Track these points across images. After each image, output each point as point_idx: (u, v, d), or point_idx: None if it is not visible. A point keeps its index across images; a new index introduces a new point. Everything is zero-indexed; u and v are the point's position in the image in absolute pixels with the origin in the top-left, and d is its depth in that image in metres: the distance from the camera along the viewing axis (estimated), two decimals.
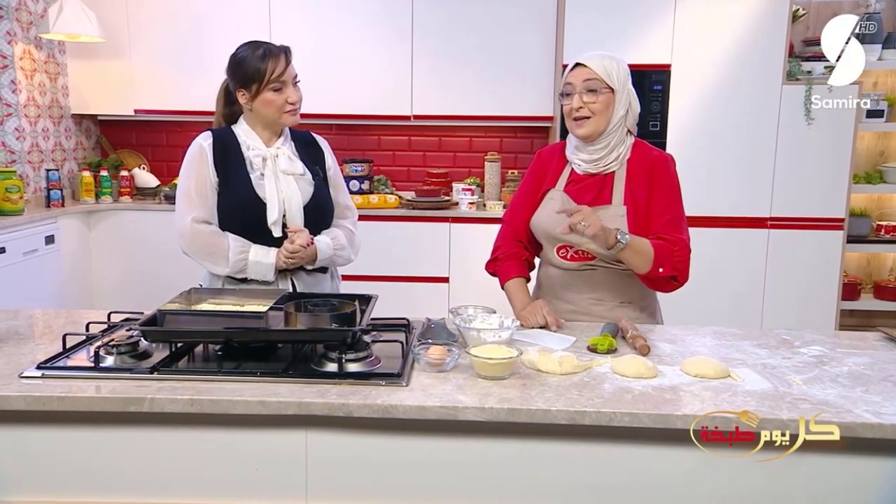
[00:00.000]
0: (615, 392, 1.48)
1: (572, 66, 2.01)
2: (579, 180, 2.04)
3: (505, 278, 2.11)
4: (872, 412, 1.38)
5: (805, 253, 4.12)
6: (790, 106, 3.99)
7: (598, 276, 2.03)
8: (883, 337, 1.89)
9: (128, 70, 4.47)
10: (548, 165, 2.12)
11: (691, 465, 1.42)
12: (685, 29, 4.00)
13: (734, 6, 3.97)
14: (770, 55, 3.95)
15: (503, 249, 2.14)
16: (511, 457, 1.45)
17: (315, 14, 4.37)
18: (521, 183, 2.18)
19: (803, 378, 1.57)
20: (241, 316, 1.65)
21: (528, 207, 2.10)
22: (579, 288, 2.05)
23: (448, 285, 4.34)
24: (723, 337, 1.89)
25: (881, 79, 4.41)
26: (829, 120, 3.98)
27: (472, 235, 4.31)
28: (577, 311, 2.05)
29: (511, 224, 2.15)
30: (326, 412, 1.41)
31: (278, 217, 2.07)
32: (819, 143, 3.98)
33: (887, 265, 4.63)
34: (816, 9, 4.42)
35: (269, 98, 2.05)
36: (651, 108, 4.09)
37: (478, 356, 1.53)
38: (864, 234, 4.40)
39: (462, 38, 4.34)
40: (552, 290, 2.10)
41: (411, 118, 4.47)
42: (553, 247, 2.06)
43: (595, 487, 1.45)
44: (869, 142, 4.47)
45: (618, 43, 4.03)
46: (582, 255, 2.02)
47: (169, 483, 1.49)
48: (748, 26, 3.95)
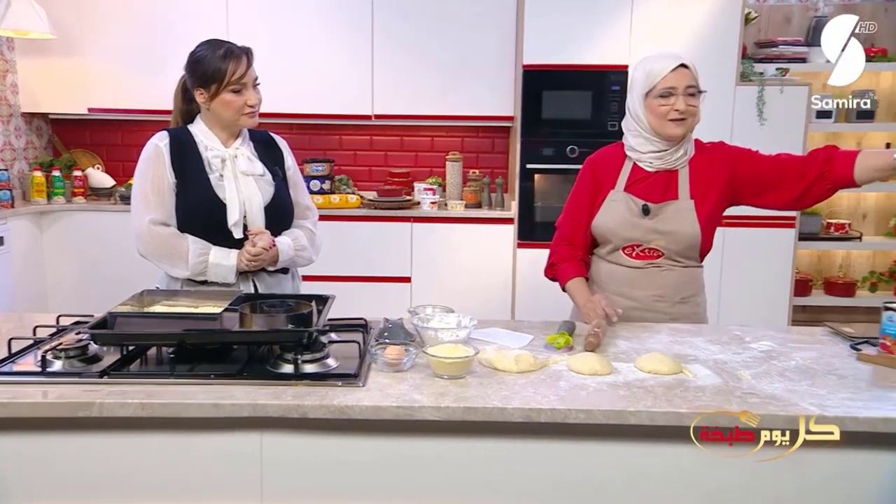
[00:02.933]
0: (570, 389, 1.49)
1: (674, 66, 1.99)
2: (644, 178, 2.08)
3: (565, 279, 2.14)
4: (817, 405, 1.42)
5: (759, 250, 4.22)
6: (744, 106, 4.09)
7: (663, 274, 2.08)
8: (829, 332, 1.94)
9: (81, 68, 4.36)
10: (602, 169, 2.15)
11: (646, 460, 1.45)
12: (642, 31, 4.06)
13: (689, 9, 4.04)
14: (724, 57, 4.04)
15: (559, 254, 2.19)
16: (468, 455, 1.46)
17: (273, 12, 4.32)
18: (574, 190, 2.21)
19: (752, 373, 1.60)
20: (194, 318, 1.63)
21: (583, 213, 2.14)
22: (643, 285, 2.09)
23: (410, 285, 4.34)
24: (678, 333, 1.92)
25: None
26: (781, 120, 4.09)
27: (433, 235, 4.31)
28: (640, 307, 2.09)
29: (563, 230, 2.20)
30: (282, 414, 1.40)
31: (239, 218, 2.04)
32: (772, 143, 4.02)
33: (836, 262, 4.76)
34: (768, 12, 4.52)
35: (229, 99, 2.02)
36: (610, 109, 4.15)
37: (434, 355, 1.53)
38: (814, 232, 4.52)
39: (423, 38, 4.33)
40: (614, 286, 2.13)
41: (372, 118, 4.44)
42: (618, 247, 2.10)
43: (551, 484, 1.46)
44: (819, 142, 4.58)
45: (576, 44, 4.08)
46: (648, 254, 2.07)
47: (121, 488, 1.46)
48: (703, 28, 4.03)
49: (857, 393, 1.49)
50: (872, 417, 1.37)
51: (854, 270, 4.74)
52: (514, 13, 4.30)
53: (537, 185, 4.26)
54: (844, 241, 4.56)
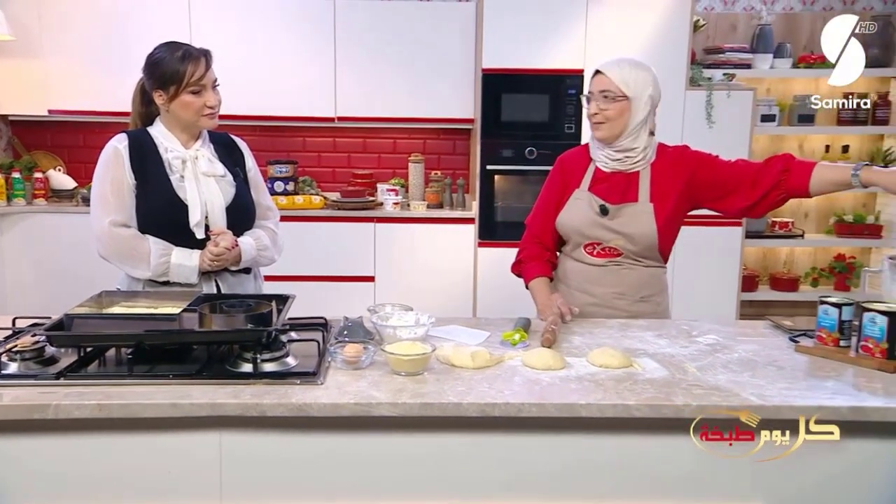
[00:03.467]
0: (524, 384, 1.51)
1: (594, 72, 2.05)
2: (605, 178, 2.10)
3: (529, 278, 2.16)
4: (757, 395, 1.45)
5: (709, 248, 4.29)
6: (693, 110, 4.17)
7: (623, 272, 2.09)
8: (770, 325, 1.99)
9: (41, 69, 4.24)
10: (570, 169, 2.17)
11: (595, 451, 1.46)
12: (597, 36, 4.10)
13: (641, 16, 4.10)
14: (674, 62, 4.11)
15: (526, 252, 2.20)
16: (425, 450, 1.46)
17: (236, 15, 4.25)
18: (543, 188, 2.23)
19: (698, 365, 1.64)
20: (152, 318, 1.60)
21: (551, 210, 2.16)
22: (603, 282, 2.10)
23: (374, 284, 4.32)
24: (629, 328, 1.95)
25: (773, 85, 4.64)
26: (728, 123, 4.17)
27: (396, 235, 4.30)
28: (600, 304, 2.11)
29: (533, 227, 2.21)
30: (240, 412, 1.38)
31: (201, 219, 2.01)
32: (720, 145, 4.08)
33: (781, 258, 4.88)
34: (715, 20, 4.61)
35: (188, 101, 1.99)
36: (566, 112, 4.18)
37: (392, 353, 1.53)
38: (760, 230, 4.62)
39: (385, 41, 4.32)
40: (576, 283, 2.15)
41: (335, 120, 4.41)
42: (580, 244, 2.12)
43: (506, 477, 1.47)
44: (764, 144, 4.69)
45: (534, 48, 4.11)
46: (609, 252, 2.08)
47: (79, 489, 1.42)
48: (654, 35, 4.09)
49: (794, 382, 1.53)
50: (808, 405, 1.41)
51: (797, 266, 4.87)
52: (474, 18, 4.31)
53: (497, 185, 4.28)
54: (788, 238, 4.67)
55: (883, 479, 1.48)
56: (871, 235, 4.63)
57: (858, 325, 1.66)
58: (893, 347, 1.60)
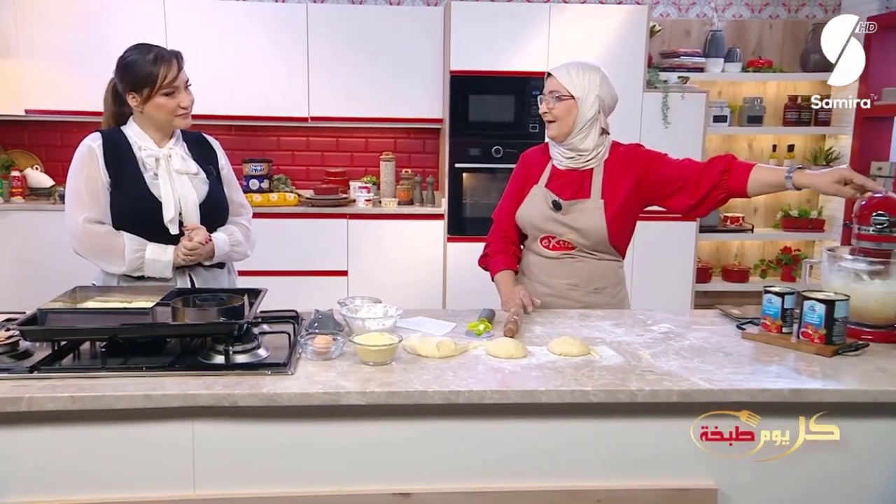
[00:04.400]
0: (487, 372, 1.51)
1: (546, 74, 2.09)
2: (561, 175, 2.11)
3: (494, 271, 2.17)
4: (706, 379, 1.47)
5: (665, 242, 4.36)
6: (650, 111, 4.22)
7: (576, 265, 2.11)
8: (720, 314, 2.02)
9: (18, 69, 4.12)
10: (531, 165, 2.19)
11: (555, 435, 1.47)
12: (559, 41, 4.12)
13: (601, 22, 4.13)
14: (632, 65, 4.15)
15: (492, 246, 2.21)
16: (392, 436, 1.45)
17: (211, 17, 4.18)
18: (508, 184, 2.25)
19: (651, 352, 1.65)
20: (125, 312, 1.57)
21: (514, 205, 2.17)
22: (558, 274, 2.11)
23: (347, 278, 4.30)
24: (588, 318, 1.96)
25: (724, 88, 4.71)
26: (683, 123, 4.23)
27: (368, 231, 4.29)
28: (555, 294, 2.11)
29: (499, 222, 2.22)
30: (212, 403, 1.37)
31: (174, 215, 1.98)
32: (675, 145, 4.17)
33: (732, 251, 4.96)
34: (670, 26, 4.66)
35: (161, 103, 1.95)
36: (531, 112, 4.20)
37: (360, 343, 1.52)
38: (713, 225, 4.70)
39: (356, 44, 4.28)
40: (534, 275, 2.16)
41: (309, 120, 4.37)
42: (537, 238, 2.13)
43: (470, 461, 1.47)
44: (716, 143, 4.77)
45: (500, 51, 4.11)
46: (563, 246, 2.10)
47: (54, 480, 1.39)
48: (613, 40, 4.13)
49: (740, 367, 1.56)
50: (752, 389, 1.43)
51: (747, 259, 4.96)
52: (442, 22, 4.30)
53: (465, 183, 4.29)
54: (739, 232, 4.75)
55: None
56: (815, 229, 4.74)
57: (799, 312, 1.70)
58: (831, 333, 1.64)
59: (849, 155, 4.56)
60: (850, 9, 4.57)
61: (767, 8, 4.72)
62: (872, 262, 1.74)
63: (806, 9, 4.73)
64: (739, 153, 4.82)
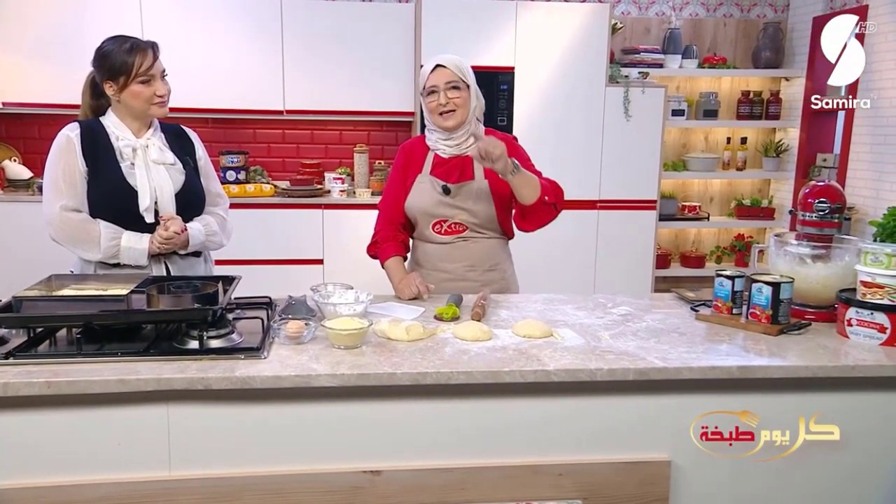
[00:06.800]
0: (454, 354, 1.51)
1: (432, 67, 2.05)
2: (443, 163, 2.11)
3: (384, 258, 2.14)
4: (661, 358, 1.50)
5: (627, 229, 4.40)
6: (612, 105, 4.22)
7: (470, 246, 2.10)
8: (675, 297, 2.05)
9: None
10: (412, 156, 2.17)
11: (521, 414, 1.48)
12: (525, 37, 4.11)
13: (565, 18, 4.13)
14: (595, 61, 4.15)
15: (382, 234, 2.17)
16: (363, 417, 1.45)
17: (187, 11, 4.09)
18: (391, 174, 2.22)
19: (611, 334, 1.67)
20: (101, 300, 1.53)
21: (400, 194, 2.14)
22: (454, 258, 2.11)
23: (322, 266, 4.26)
24: (551, 302, 1.97)
25: (682, 83, 4.76)
26: (643, 117, 4.25)
27: (343, 220, 4.25)
28: (454, 278, 2.11)
29: (386, 211, 2.18)
30: (186, 386, 1.35)
31: (150, 204, 1.95)
32: (636, 137, 4.24)
33: (690, 238, 5.04)
34: (631, 23, 4.68)
35: (137, 90, 1.93)
36: (499, 106, 4.19)
37: (331, 328, 1.51)
38: (672, 213, 4.75)
39: (330, 39, 4.23)
40: (430, 263, 2.14)
41: (284, 113, 4.31)
42: (429, 224, 2.11)
43: (437, 438, 1.47)
44: (675, 136, 4.82)
45: (469, 46, 4.09)
46: (455, 229, 2.09)
47: (31, 463, 1.37)
48: (577, 36, 4.13)
49: (693, 346, 1.58)
50: (703, 366, 1.46)
51: (704, 245, 5.03)
52: (413, 18, 4.26)
53: None
54: (696, 220, 4.82)
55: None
56: (765, 217, 4.83)
57: (748, 295, 1.73)
58: (776, 314, 1.67)
59: (797, 147, 4.65)
60: (797, 9, 4.64)
61: (722, 7, 4.76)
62: (815, 247, 1.78)
63: (757, 8, 4.79)
64: (696, 146, 4.88)
